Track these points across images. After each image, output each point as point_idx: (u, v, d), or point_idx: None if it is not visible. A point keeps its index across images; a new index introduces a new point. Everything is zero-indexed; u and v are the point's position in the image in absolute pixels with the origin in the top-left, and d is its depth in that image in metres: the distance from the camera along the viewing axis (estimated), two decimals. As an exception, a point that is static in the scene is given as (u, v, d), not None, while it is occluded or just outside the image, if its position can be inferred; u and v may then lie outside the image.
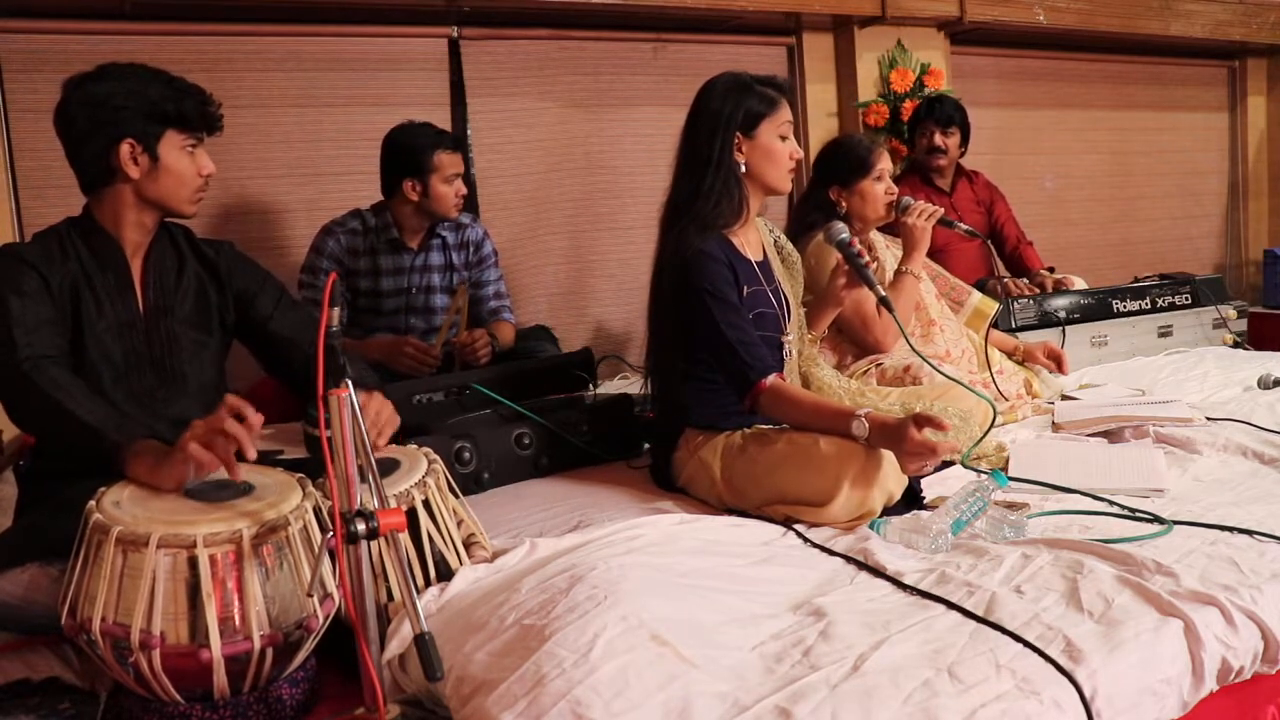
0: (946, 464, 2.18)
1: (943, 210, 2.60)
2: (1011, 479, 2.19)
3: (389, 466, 1.73)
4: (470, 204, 3.72)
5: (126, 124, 1.79)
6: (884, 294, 2.31)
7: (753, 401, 2.06)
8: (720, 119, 2.17)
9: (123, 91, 1.79)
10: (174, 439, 1.55)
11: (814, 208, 2.86)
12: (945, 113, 3.71)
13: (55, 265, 1.80)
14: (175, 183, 1.84)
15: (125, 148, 1.79)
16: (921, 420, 1.83)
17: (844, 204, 2.82)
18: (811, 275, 2.61)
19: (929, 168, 3.74)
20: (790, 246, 2.43)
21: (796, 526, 1.92)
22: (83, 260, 1.83)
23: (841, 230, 2.37)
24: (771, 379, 2.05)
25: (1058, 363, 2.99)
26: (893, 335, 2.65)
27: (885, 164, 2.79)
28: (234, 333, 2.02)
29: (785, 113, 2.21)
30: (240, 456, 1.53)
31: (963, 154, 3.81)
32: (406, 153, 2.95)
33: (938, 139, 3.70)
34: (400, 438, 2.06)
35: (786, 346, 2.27)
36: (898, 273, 2.65)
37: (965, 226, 2.66)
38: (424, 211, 3.00)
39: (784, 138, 2.20)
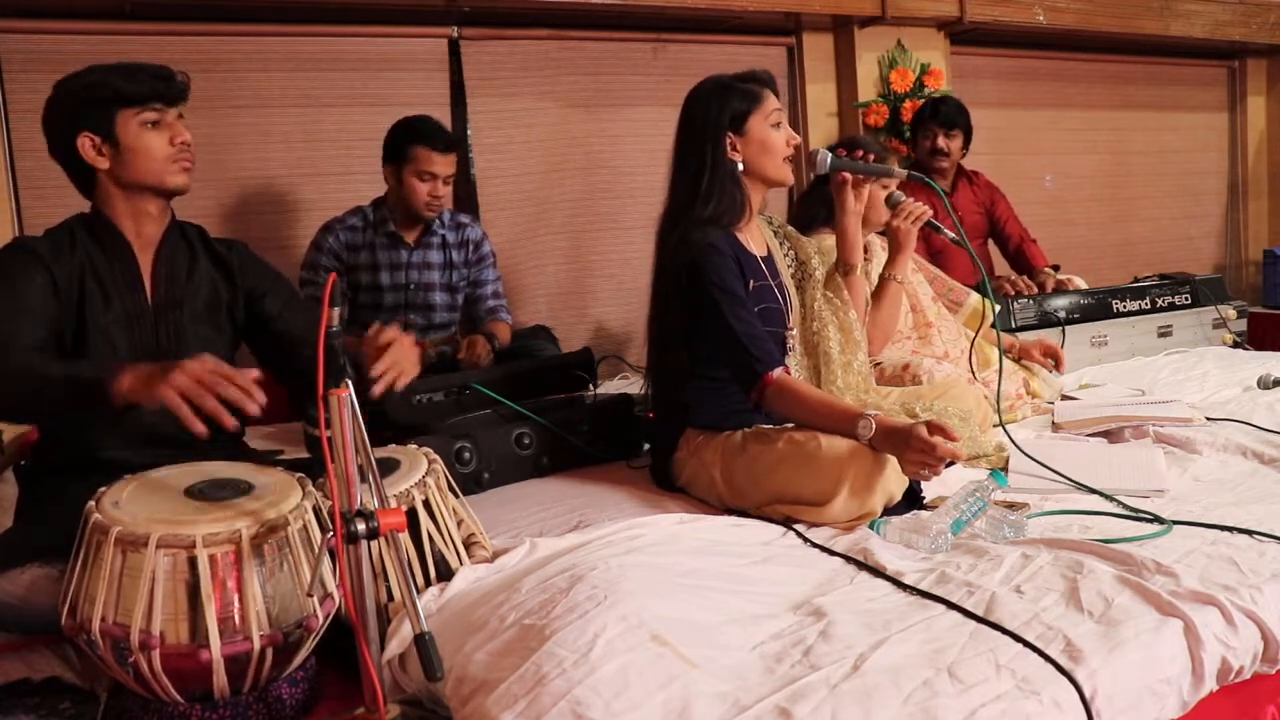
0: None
1: (930, 212, 2.55)
2: (1021, 454, 2.22)
3: (389, 466, 1.73)
4: (470, 204, 3.73)
5: (79, 119, 1.80)
6: (901, 171, 2.35)
7: (759, 395, 2.06)
8: (708, 124, 2.16)
9: (73, 89, 1.82)
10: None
11: (817, 202, 2.85)
12: (949, 115, 3.70)
13: (64, 259, 1.81)
14: (144, 159, 1.82)
15: (84, 141, 1.80)
16: (934, 428, 1.83)
17: None
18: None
19: (931, 169, 3.74)
20: (796, 233, 2.41)
21: (796, 527, 1.92)
22: (90, 253, 1.84)
23: (824, 155, 2.35)
24: (778, 373, 2.05)
25: (1054, 360, 2.97)
26: (878, 343, 2.62)
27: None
28: (243, 332, 2.03)
29: (772, 101, 2.20)
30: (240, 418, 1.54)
31: (964, 155, 3.81)
32: (391, 138, 2.99)
33: (941, 142, 3.70)
34: (400, 438, 2.06)
35: (790, 342, 2.26)
36: (882, 279, 2.59)
37: (951, 235, 2.62)
38: (402, 202, 3.00)
39: (776, 125, 2.20)
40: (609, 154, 3.99)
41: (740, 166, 2.18)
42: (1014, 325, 3.32)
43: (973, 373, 2.70)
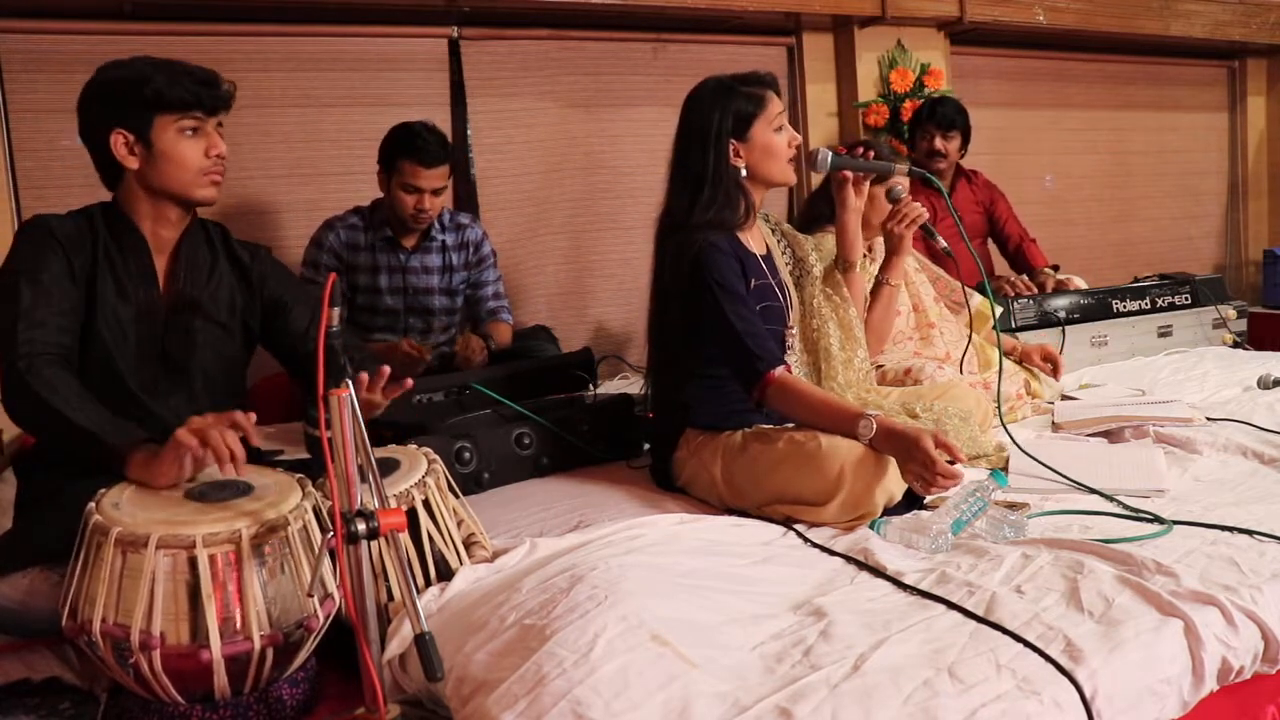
0: None
1: (926, 215, 2.54)
2: (1021, 454, 2.22)
3: (389, 466, 1.73)
4: (470, 204, 3.73)
5: (116, 115, 1.76)
6: (903, 166, 2.34)
7: (760, 393, 2.05)
8: (711, 130, 2.14)
9: (114, 82, 1.77)
10: (169, 434, 1.55)
11: (822, 200, 2.84)
12: (947, 116, 3.68)
13: (82, 244, 1.79)
14: (175, 168, 1.78)
15: (117, 139, 1.77)
16: (940, 443, 1.82)
17: None
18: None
19: (928, 171, 3.73)
20: (793, 231, 2.42)
21: (796, 526, 1.92)
22: (105, 245, 1.81)
23: (825, 154, 2.29)
24: (779, 370, 2.04)
25: (1053, 366, 2.96)
26: (874, 346, 2.59)
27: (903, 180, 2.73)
28: (259, 339, 2.00)
29: (775, 105, 2.19)
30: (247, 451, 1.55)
31: (963, 155, 3.81)
32: (384, 145, 2.96)
33: (938, 143, 3.68)
34: (400, 438, 2.06)
35: (790, 340, 2.26)
36: (876, 283, 2.57)
37: (943, 243, 2.60)
38: (393, 209, 2.99)
39: (779, 129, 2.18)
40: (609, 154, 3.99)
41: (744, 172, 2.17)
42: (1014, 326, 3.32)
43: (961, 370, 2.70)
